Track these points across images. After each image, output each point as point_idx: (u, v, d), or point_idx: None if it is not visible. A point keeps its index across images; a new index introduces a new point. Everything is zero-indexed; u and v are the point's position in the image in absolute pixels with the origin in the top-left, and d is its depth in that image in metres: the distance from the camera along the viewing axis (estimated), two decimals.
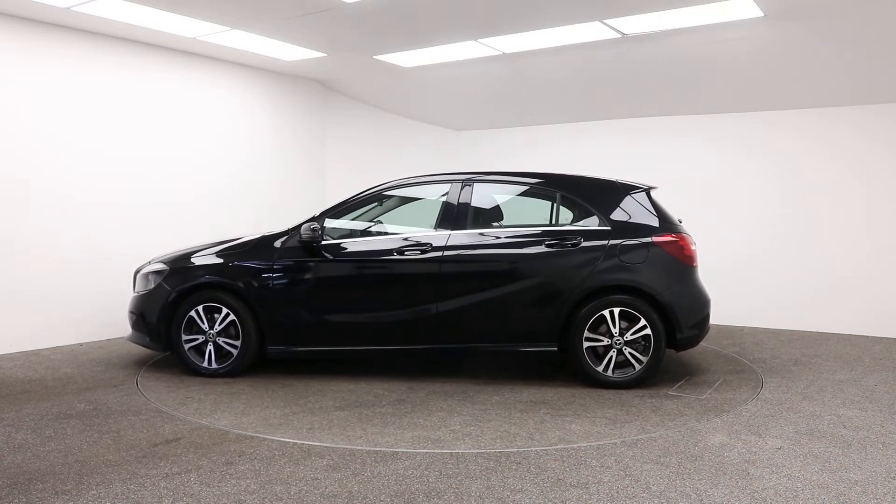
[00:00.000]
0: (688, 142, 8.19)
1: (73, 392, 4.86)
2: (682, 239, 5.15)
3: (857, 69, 6.59)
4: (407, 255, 5.19)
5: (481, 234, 5.26)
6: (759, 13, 5.49)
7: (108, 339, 6.72)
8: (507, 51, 6.78)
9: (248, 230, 6.98)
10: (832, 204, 7.40)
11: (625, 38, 6.24)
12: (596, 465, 3.51)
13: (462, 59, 7.17)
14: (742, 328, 7.61)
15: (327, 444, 3.80)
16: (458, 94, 8.66)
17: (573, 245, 5.08)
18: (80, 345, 6.46)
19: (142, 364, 5.74)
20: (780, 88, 7.21)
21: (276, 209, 8.05)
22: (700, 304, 5.18)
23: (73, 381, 5.17)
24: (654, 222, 5.18)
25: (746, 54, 6.45)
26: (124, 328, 6.82)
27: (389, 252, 5.24)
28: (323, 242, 5.32)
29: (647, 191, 5.35)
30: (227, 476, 3.34)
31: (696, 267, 5.24)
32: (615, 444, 3.83)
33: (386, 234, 5.51)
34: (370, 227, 5.63)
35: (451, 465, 3.49)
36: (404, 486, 3.23)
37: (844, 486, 3.25)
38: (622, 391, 4.92)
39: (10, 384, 5.05)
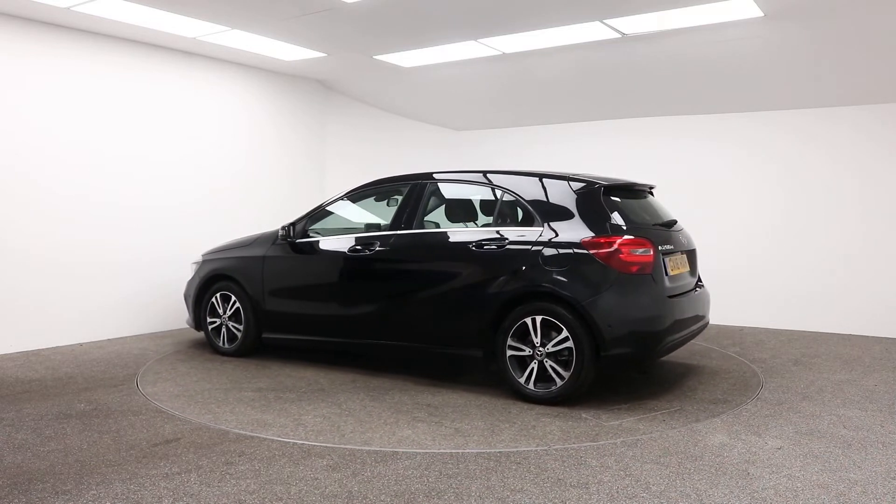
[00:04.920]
0: (688, 142, 8.19)
1: (73, 392, 4.86)
2: (624, 244, 4.50)
3: (856, 69, 6.58)
4: (356, 254, 5.40)
5: (419, 234, 5.25)
6: (759, 13, 5.49)
7: (108, 339, 6.72)
8: (507, 51, 6.78)
9: (251, 230, 7.03)
10: (832, 204, 7.39)
11: (625, 38, 6.24)
12: (596, 465, 3.51)
13: (462, 59, 7.17)
14: (742, 328, 7.61)
15: (328, 444, 3.80)
16: (458, 94, 8.65)
17: (498, 247, 4.80)
18: (80, 345, 6.46)
19: (142, 364, 5.74)
20: (779, 88, 7.21)
21: (277, 209, 8.05)
22: (641, 319, 4.50)
23: (73, 381, 5.17)
24: (599, 224, 4.61)
25: (746, 54, 6.45)
26: (124, 328, 6.88)
27: (342, 251, 5.49)
28: (298, 241, 5.73)
29: (601, 189, 4.80)
30: (227, 476, 3.35)
31: (643, 275, 4.55)
32: (615, 444, 3.83)
33: (349, 233, 5.64)
34: (341, 226, 5.86)
35: (451, 465, 3.49)
36: (404, 486, 3.23)
37: (844, 486, 3.25)
38: (536, 406, 4.53)
39: (10, 384, 5.05)
